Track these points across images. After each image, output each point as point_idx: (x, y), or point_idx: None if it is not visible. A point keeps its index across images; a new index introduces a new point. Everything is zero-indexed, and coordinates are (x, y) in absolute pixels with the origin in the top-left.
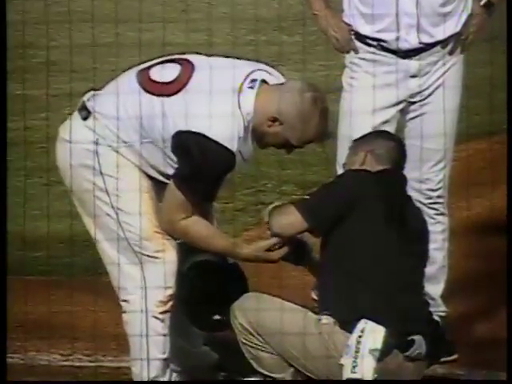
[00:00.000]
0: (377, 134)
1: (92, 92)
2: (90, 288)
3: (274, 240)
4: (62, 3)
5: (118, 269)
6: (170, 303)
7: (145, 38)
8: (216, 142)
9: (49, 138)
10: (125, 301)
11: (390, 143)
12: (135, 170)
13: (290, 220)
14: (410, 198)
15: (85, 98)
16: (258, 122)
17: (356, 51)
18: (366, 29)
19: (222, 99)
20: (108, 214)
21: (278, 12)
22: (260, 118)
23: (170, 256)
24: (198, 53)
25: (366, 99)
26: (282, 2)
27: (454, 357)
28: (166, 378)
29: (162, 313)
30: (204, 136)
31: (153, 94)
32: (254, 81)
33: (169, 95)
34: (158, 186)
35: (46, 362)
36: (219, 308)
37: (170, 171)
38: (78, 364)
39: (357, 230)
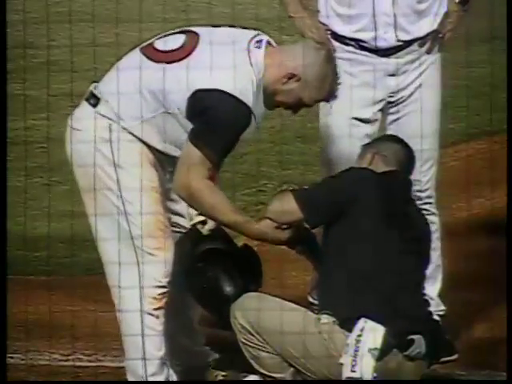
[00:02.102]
0: (386, 138)
1: (95, 84)
2: (91, 288)
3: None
4: (62, 3)
5: (112, 266)
6: (164, 300)
7: (145, 37)
8: (234, 97)
9: (49, 138)
10: (121, 298)
11: (397, 146)
12: (146, 159)
13: (286, 208)
14: (413, 200)
15: (91, 88)
16: (271, 79)
17: (334, 51)
18: (343, 29)
19: (233, 58)
20: (115, 206)
21: (278, 12)
22: (273, 76)
23: (167, 255)
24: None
25: (344, 98)
26: (282, 1)
27: (454, 357)
28: (163, 376)
29: (156, 309)
30: (223, 92)
31: (162, 62)
32: (259, 42)
33: (178, 60)
34: (171, 162)
35: (47, 362)
36: (233, 295)
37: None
38: (78, 364)
39: (357, 228)
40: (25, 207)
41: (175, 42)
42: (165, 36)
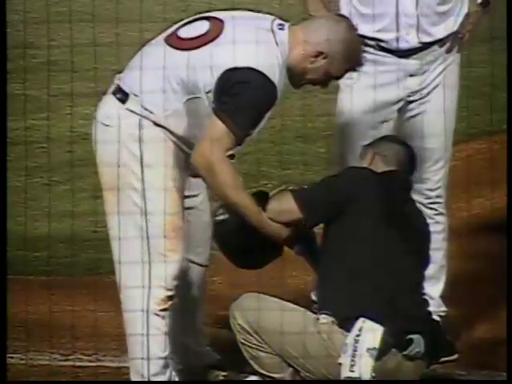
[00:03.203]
0: (387, 138)
1: (118, 75)
2: (91, 288)
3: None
4: (63, 3)
5: (122, 266)
6: (170, 302)
7: (145, 37)
8: (263, 74)
9: (49, 138)
10: (130, 298)
11: (398, 147)
12: (174, 164)
13: (285, 207)
14: (413, 201)
15: (116, 81)
16: (298, 59)
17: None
18: (364, 28)
19: (258, 39)
20: (137, 204)
21: (278, 12)
22: (299, 56)
23: (178, 257)
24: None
25: (364, 99)
26: (281, 1)
27: (454, 357)
28: (166, 376)
29: (162, 310)
30: (251, 68)
31: (187, 49)
32: (281, 24)
33: (205, 44)
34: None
35: (47, 362)
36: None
37: None
38: (78, 364)
39: (356, 228)
40: (25, 207)
41: (200, 28)
42: (187, 23)
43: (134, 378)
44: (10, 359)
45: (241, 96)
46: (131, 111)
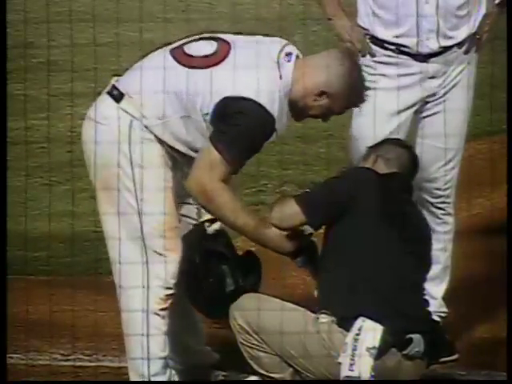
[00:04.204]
0: (390, 141)
1: (116, 77)
2: (91, 288)
3: (290, 233)
4: (63, 3)
5: (120, 265)
6: (170, 301)
7: (145, 37)
8: (262, 106)
9: (49, 138)
10: (128, 298)
11: (401, 150)
12: (164, 165)
13: (289, 212)
14: (414, 203)
15: (113, 81)
16: (301, 95)
17: (372, 55)
18: (384, 33)
19: (263, 69)
20: (131, 205)
21: (278, 12)
22: (303, 92)
23: (176, 256)
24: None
25: (384, 101)
26: (282, 1)
27: (454, 357)
28: (165, 376)
29: (162, 310)
30: (251, 100)
31: (192, 66)
32: (288, 54)
33: (211, 66)
34: (186, 162)
35: (47, 362)
36: (230, 296)
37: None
38: (78, 364)
39: (356, 228)
40: (25, 207)
41: (207, 48)
42: (194, 40)
43: (133, 378)
44: (10, 359)
45: (238, 127)
46: (124, 111)
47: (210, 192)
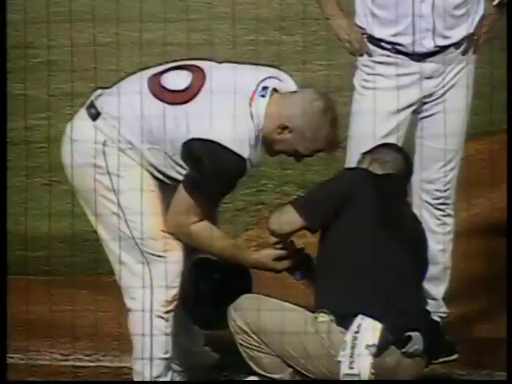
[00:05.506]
0: (384, 146)
1: (100, 91)
2: (91, 287)
3: (284, 252)
4: (62, 3)
5: (120, 267)
6: (175, 303)
7: (145, 37)
8: (229, 150)
9: (49, 138)
10: (131, 299)
11: (395, 154)
12: (141, 169)
13: (286, 217)
14: (408, 204)
15: (93, 97)
16: (269, 129)
17: (370, 54)
18: (380, 32)
19: (234, 108)
20: (115, 213)
21: (278, 12)
22: (270, 126)
23: (176, 256)
24: (207, 59)
25: (381, 101)
26: (282, 1)
27: (454, 357)
28: (168, 378)
29: (166, 312)
30: (217, 144)
31: (164, 101)
32: (265, 88)
33: (181, 103)
34: (164, 187)
35: (47, 362)
36: (221, 306)
37: (177, 175)
38: (78, 364)
39: (353, 227)
40: (25, 207)
41: (182, 81)
42: (172, 69)
43: (136, 379)
44: (10, 359)
45: (208, 171)
46: (98, 129)
47: (189, 235)
